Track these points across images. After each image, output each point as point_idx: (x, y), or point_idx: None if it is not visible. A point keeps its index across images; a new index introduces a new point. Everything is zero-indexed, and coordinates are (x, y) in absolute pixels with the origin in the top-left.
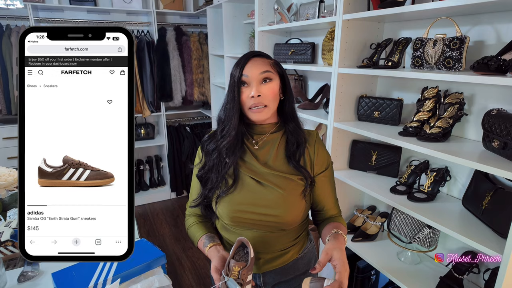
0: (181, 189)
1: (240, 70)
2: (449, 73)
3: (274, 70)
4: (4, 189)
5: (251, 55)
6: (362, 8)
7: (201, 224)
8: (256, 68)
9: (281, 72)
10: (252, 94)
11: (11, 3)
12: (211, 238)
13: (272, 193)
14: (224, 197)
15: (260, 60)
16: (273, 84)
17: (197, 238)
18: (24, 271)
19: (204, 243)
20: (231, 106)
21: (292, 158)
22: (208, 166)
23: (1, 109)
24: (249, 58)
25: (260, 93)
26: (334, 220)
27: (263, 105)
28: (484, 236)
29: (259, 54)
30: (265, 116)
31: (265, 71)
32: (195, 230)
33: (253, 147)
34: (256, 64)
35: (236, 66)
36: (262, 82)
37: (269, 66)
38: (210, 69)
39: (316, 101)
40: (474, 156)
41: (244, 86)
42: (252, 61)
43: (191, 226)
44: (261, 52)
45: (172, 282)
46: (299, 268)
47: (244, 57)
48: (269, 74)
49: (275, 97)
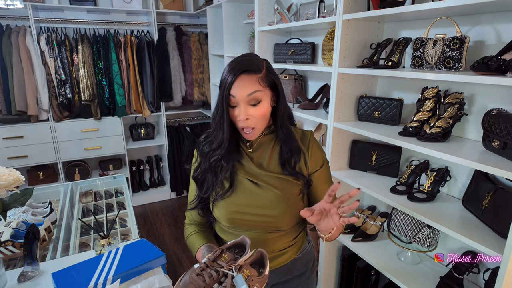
0: (181, 189)
1: (228, 89)
2: (449, 73)
3: (263, 85)
4: (4, 189)
5: (239, 71)
6: (362, 8)
7: (201, 234)
8: (243, 89)
9: (272, 82)
10: (240, 118)
11: (11, 3)
12: (210, 249)
13: (269, 193)
14: (220, 200)
15: (248, 79)
16: (262, 105)
17: (196, 249)
18: (24, 271)
19: (203, 254)
20: (221, 122)
21: (287, 165)
22: (204, 167)
23: (1, 109)
24: (237, 74)
25: (248, 116)
26: None
27: (251, 128)
28: (484, 236)
29: (247, 69)
30: (255, 137)
31: (253, 91)
32: (194, 240)
33: (248, 149)
34: (244, 84)
35: (224, 80)
36: (250, 104)
37: (258, 83)
38: (210, 69)
39: (316, 101)
40: (474, 156)
41: (232, 107)
42: (239, 79)
43: (190, 236)
44: (250, 64)
45: (172, 282)
46: (298, 268)
47: (233, 72)
48: (257, 94)
49: (264, 117)
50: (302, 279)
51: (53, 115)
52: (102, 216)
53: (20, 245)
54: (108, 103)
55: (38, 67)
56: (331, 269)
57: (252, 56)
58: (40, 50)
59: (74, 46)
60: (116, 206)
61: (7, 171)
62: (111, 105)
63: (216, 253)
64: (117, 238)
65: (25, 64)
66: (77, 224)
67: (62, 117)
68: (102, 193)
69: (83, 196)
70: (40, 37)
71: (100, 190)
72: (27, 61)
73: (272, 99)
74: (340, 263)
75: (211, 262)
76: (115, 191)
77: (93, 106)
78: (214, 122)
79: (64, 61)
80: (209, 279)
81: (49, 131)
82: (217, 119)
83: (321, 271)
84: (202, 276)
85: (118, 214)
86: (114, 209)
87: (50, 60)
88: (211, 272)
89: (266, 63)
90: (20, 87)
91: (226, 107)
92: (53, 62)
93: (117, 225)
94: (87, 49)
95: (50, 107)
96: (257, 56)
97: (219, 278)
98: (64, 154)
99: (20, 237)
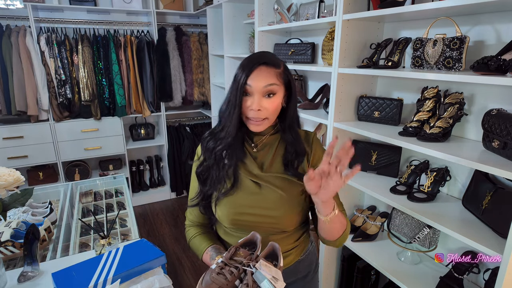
0: (181, 189)
1: (245, 77)
2: (449, 73)
3: (280, 81)
4: (4, 189)
5: (259, 62)
6: (362, 8)
7: (205, 235)
8: (261, 80)
9: (287, 81)
10: (253, 108)
11: (11, 3)
12: (218, 250)
13: (271, 194)
14: (223, 199)
15: (267, 71)
16: (276, 98)
17: (202, 250)
18: (24, 271)
19: (211, 255)
20: (231, 112)
21: (290, 167)
22: (208, 163)
23: (1, 109)
24: (256, 65)
25: (261, 107)
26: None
27: (263, 118)
28: (484, 236)
29: (267, 61)
30: (263, 128)
31: (270, 84)
32: (198, 242)
33: (252, 149)
34: (262, 75)
35: (242, 69)
36: (265, 96)
37: (275, 77)
38: (210, 69)
39: (316, 101)
40: (474, 156)
41: (246, 95)
42: (258, 70)
43: (193, 238)
44: (270, 58)
45: (172, 282)
46: (301, 270)
47: (252, 62)
48: (274, 87)
49: (276, 111)
50: (306, 281)
51: (53, 115)
52: (102, 216)
53: (20, 245)
54: (108, 103)
55: (38, 67)
56: (331, 269)
57: (271, 53)
58: (40, 50)
59: (74, 46)
60: (116, 206)
61: (7, 171)
62: (111, 105)
63: (232, 251)
64: (117, 238)
65: (25, 64)
66: (77, 224)
67: (62, 117)
68: (102, 193)
69: (83, 196)
70: (40, 37)
71: (100, 190)
72: (27, 61)
73: (284, 99)
74: (340, 263)
75: (229, 260)
76: (115, 191)
77: (93, 106)
78: (224, 111)
79: (64, 61)
80: (230, 276)
81: (49, 131)
82: (228, 108)
83: (321, 271)
84: (223, 274)
85: (118, 214)
86: (114, 209)
87: (50, 60)
88: (231, 269)
89: (284, 63)
90: (20, 87)
91: (240, 95)
92: (53, 62)
93: (117, 225)
94: (87, 49)
95: (50, 107)
96: (275, 55)
97: (239, 274)
98: (64, 154)
99: (20, 237)
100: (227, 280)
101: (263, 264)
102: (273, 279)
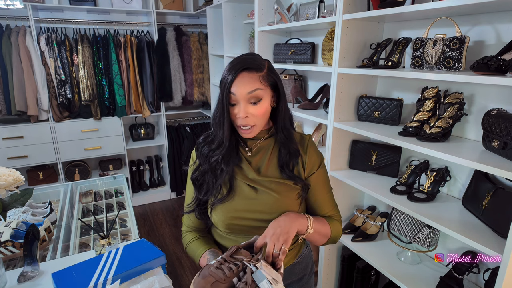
0: (181, 189)
1: (228, 86)
2: (449, 73)
3: (264, 84)
4: (4, 189)
5: (240, 68)
6: (362, 8)
7: (202, 240)
8: (244, 87)
9: (273, 81)
10: (240, 115)
11: (11, 3)
12: (215, 254)
13: (267, 198)
14: (219, 204)
15: (249, 77)
16: (263, 103)
17: (199, 255)
18: (24, 271)
19: (208, 259)
20: (221, 121)
21: (286, 168)
22: (204, 168)
23: (1, 109)
24: (237, 72)
25: (247, 114)
26: (326, 219)
27: (250, 126)
28: (484, 236)
29: (248, 66)
30: (253, 135)
31: (254, 89)
32: (195, 247)
33: (247, 154)
34: (244, 82)
35: (225, 78)
36: (250, 102)
37: (259, 82)
38: (210, 69)
39: (316, 101)
40: (474, 156)
41: (232, 105)
42: (240, 77)
43: (190, 243)
44: (251, 62)
45: (172, 282)
46: (296, 273)
47: (234, 69)
48: (258, 92)
49: (264, 116)
50: (301, 284)
51: (53, 115)
52: (102, 216)
53: (20, 245)
54: (108, 103)
55: (38, 67)
56: (331, 269)
57: (254, 55)
58: (40, 50)
59: (74, 46)
60: (116, 206)
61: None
62: (111, 105)
63: (232, 250)
64: (117, 238)
65: (25, 64)
66: (77, 224)
67: (62, 117)
68: (102, 193)
69: (83, 196)
70: (40, 37)
71: (100, 190)
72: (27, 61)
73: (273, 100)
74: (340, 263)
75: (229, 258)
76: (115, 191)
77: (93, 106)
78: (215, 121)
79: (64, 61)
80: (229, 272)
81: (49, 131)
82: (217, 118)
83: (321, 271)
84: (222, 269)
85: (118, 214)
86: (114, 209)
87: (50, 60)
88: (230, 266)
89: (268, 63)
90: (20, 87)
91: (227, 105)
92: (53, 62)
93: (117, 225)
94: (87, 49)
95: (50, 107)
96: (259, 55)
97: (238, 271)
98: (64, 154)
99: (20, 237)
100: (225, 275)
101: (264, 265)
102: (273, 281)
